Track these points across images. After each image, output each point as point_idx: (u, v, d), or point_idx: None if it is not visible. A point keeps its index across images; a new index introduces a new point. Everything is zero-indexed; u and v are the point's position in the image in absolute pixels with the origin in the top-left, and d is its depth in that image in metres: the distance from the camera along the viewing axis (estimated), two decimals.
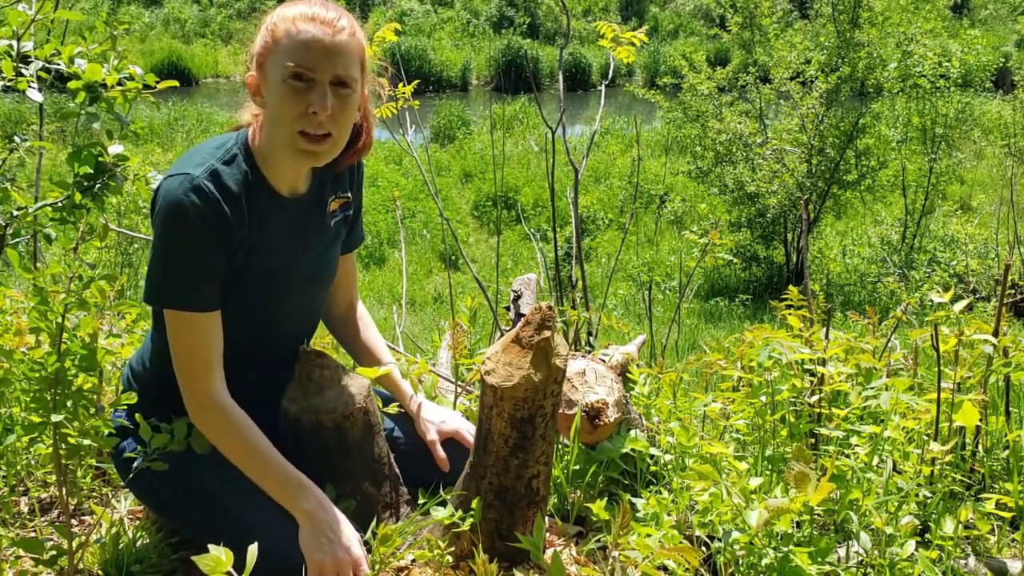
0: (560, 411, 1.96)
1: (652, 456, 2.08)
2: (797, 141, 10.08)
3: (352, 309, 2.12)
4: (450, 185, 13.04)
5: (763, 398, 2.01)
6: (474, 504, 1.72)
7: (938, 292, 1.98)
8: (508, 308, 3.13)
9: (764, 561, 1.55)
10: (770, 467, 1.98)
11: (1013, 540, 1.92)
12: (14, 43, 1.61)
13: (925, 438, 1.92)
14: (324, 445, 1.80)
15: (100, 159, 1.66)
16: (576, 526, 1.97)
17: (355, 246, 2.07)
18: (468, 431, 2.01)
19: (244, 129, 1.81)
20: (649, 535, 1.63)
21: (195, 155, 1.72)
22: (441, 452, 2.00)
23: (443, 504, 1.82)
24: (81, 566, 1.70)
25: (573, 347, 2.63)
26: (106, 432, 1.61)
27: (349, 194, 1.96)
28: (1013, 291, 7.67)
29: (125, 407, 1.74)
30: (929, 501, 1.86)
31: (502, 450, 1.68)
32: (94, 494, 2.09)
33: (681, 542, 1.66)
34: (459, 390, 2.42)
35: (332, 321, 2.12)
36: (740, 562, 1.61)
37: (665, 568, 1.72)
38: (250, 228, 1.73)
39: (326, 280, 1.97)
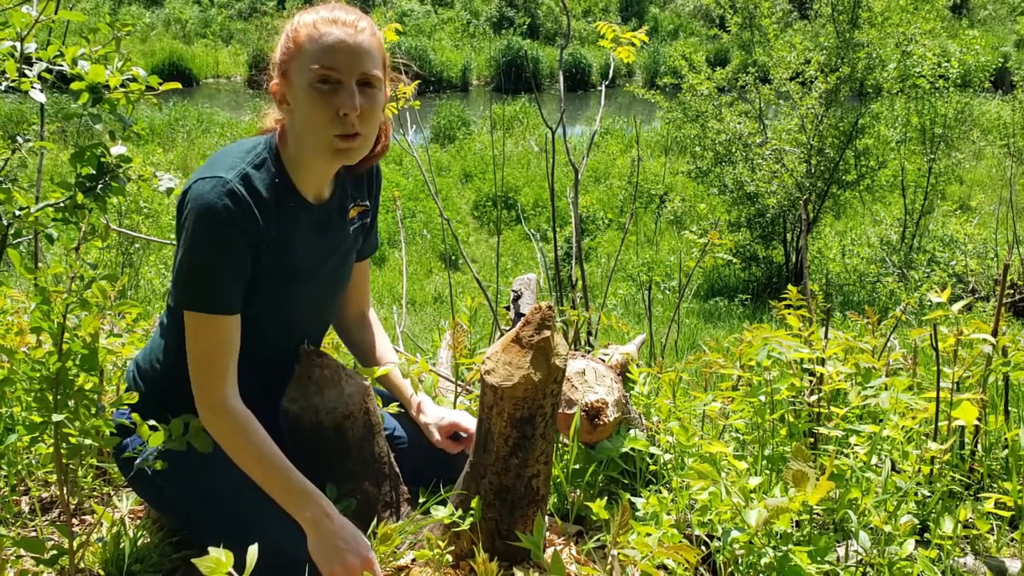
0: (560, 411, 1.96)
1: (652, 455, 2.08)
2: (796, 141, 10.08)
3: (363, 316, 2.13)
4: (450, 185, 13.03)
5: (762, 397, 2.01)
6: (474, 503, 1.72)
7: (936, 292, 1.98)
8: (508, 308, 3.13)
9: (763, 560, 1.55)
10: (769, 466, 1.99)
11: (1012, 539, 1.92)
12: (17, 44, 1.62)
13: (924, 438, 1.93)
14: (324, 445, 1.81)
15: (102, 160, 1.66)
16: (576, 525, 1.97)
17: (369, 253, 2.09)
18: (465, 420, 2.02)
19: (271, 133, 1.82)
20: (648, 534, 1.63)
21: (225, 158, 1.72)
22: (449, 445, 2.02)
23: (443, 503, 1.82)
24: (82, 565, 1.71)
25: (573, 347, 2.63)
26: (107, 432, 1.61)
27: (367, 202, 1.98)
28: (1012, 291, 7.68)
29: (127, 406, 1.74)
30: (928, 500, 1.87)
31: (502, 450, 1.68)
32: (95, 493, 2.10)
33: (680, 541, 1.67)
34: (459, 390, 2.43)
35: (343, 327, 2.14)
36: (739, 561, 1.62)
37: (664, 567, 1.72)
38: (277, 231, 1.74)
39: (341, 285, 1.99)
